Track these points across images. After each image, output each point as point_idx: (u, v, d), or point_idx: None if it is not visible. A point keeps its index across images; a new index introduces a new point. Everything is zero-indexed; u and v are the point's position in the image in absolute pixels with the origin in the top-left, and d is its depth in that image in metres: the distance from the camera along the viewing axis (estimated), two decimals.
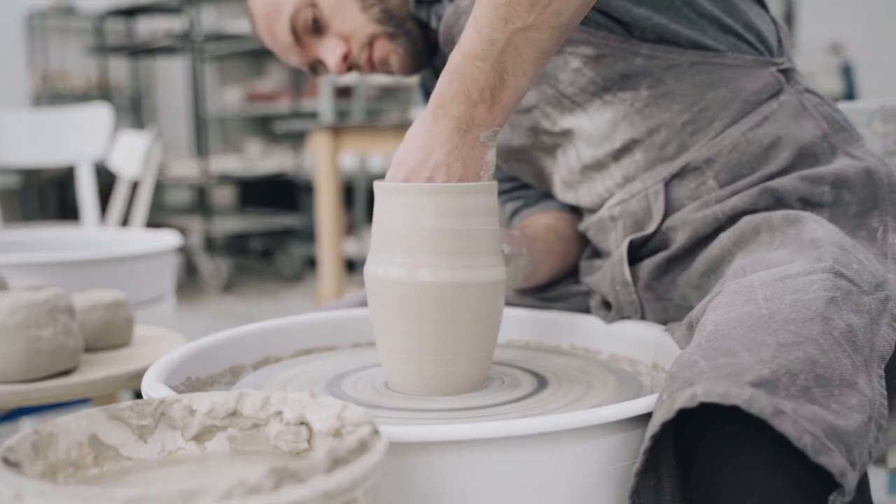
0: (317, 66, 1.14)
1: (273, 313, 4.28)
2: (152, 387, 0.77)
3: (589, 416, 0.65)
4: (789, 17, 7.26)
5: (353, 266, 4.93)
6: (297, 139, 5.37)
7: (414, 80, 1.63)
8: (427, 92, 1.19)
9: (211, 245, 5.10)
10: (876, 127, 1.24)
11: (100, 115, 2.95)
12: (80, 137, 2.93)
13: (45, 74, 5.73)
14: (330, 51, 1.09)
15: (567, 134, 1.02)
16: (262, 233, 5.39)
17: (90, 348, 1.22)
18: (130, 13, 5.84)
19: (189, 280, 5.12)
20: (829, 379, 0.65)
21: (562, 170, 1.06)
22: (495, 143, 0.83)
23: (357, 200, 4.78)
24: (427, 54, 1.11)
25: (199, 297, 4.75)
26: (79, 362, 1.14)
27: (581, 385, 0.87)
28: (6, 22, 5.83)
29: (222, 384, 0.96)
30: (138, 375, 1.15)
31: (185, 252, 5.07)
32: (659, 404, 0.65)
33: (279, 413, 0.64)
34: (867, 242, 0.90)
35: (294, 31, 1.08)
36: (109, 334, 1.23)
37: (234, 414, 0.64)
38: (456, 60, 0.80)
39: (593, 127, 0.99)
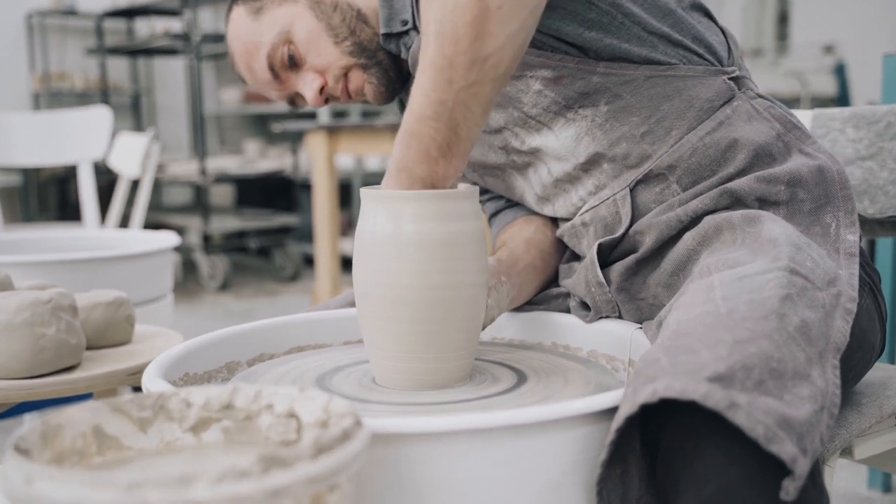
0: (296, 99, 1.19)
1: (270, 311, 4.33)
2: (152, 382, 0.82)
3: (559, 409, 0.70)
4: (783, 19, 7.32)
5: (349, 264, 4.98)
6: (294, 138, 5.41)
7: None
8: (404, 109, 1.24)
9: (209, 243, 5.15)
10: (848, 133, 1.28)
11: (100, 116, 3.00)
12: (82, 139, 2.98)
13: (45, 74, 5.77)
14: (307, 84, 1.14)
15: (535, 152, 1.08)
16: (260, 231, 5.44)
17: (92, 346, 1.27)
18: (129, 14, 5.88)
19: (187, 278, 5.17)
20: (782, 372, 0.69)
21: (535, 187, 1.11)
22: (457, 184, 0.90)
23: (353, 199, 4.82)
24: (400, 82, 1.16)
25: (197, 295, 4.80)
26: (81, 359, 1.19)
27: (558, 380, 0.92)
28: (6, 22, 5.87)
29: (218, 380, 1.00)
30: (138, 371, 1.19)
31: (183, 250, 5.11)
32: (624, 399, 0.70)
33: (270, 406, 0.69)
34: (821, 239, 0.95)
35: (272, 68, 1.13)
36: (111, 332, 1.28)
37: (228, 407, 0.69)
38: (410, 123, 0.86)
39: (559, 144, 1.05)
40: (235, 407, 0.69)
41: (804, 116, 1.35)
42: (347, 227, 5.17)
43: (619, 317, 1.04)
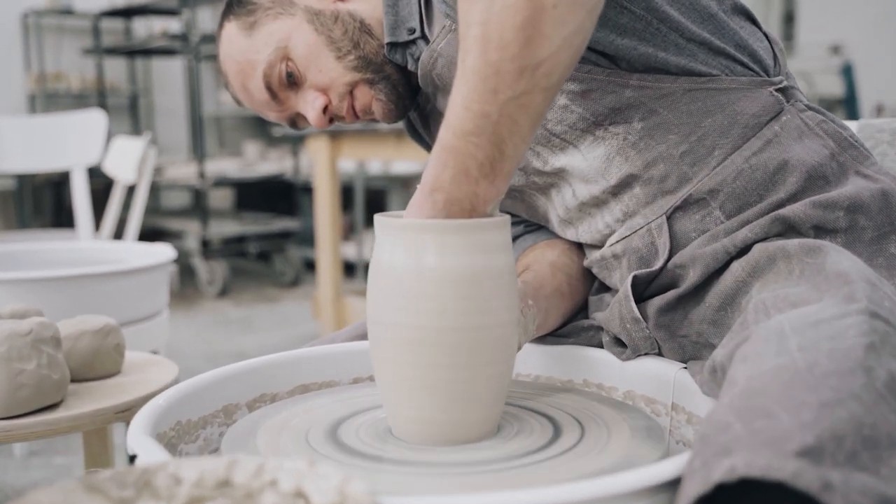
0: (297, 121, 1.09)
1: (271, 318, 4.23)
2: (138, 441, 0.71)
3: (614, 484, 0.60)
4: (790, 18, 7.21)
5: (351, 269, 4.88)
6: (295, 140, 5.31)
7: None
8: (413, 129, 1.14)
9: (208, 248, 5.05)
10: None
11: (94, 120, 2.90)
12: (75, 143, 2.88)
13: (41, 75, 5.67)
14: (309, 104, 1.04)
15: (560, 173, 0.98)
16: (260, 236, 5.33)
17: (78, 378, 1.17)
18: (127, 13, 5.78)
19: (185, 284, 5.07)
20: (876, 440, 0.59)
21: (558, 208, 1.01)
22: (497, 207, 0.79)
23: (355, 203, 4.72)
24: (410, 98, 1.06)
25: (195, 302, 4.70)
26: (65, 395, 1.09)
27: (598, 431, 0.82)
28: (1, 21, 5.77)
29: (215, 426, 0.90)
30: (128, 409, 1.09)
31: (181, 255, 5.01)
32: (691, 472, 0.60)
33: (274, 482, 0.58)
34: (886, 271, 0.86)
35: (269, 88, 1.04)
36: (98, 363, 1.18)
37: (224, 483, 0.59)
38: (447, 139, 0.75)
39: (587, 164, 0.95)
40: (234, 483, 0.59)
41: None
42: (349, 231, 5.07)
43: (659, 354, 0.94)
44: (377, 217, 0.79)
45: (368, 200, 5.14)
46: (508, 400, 0.90)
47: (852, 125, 1.25)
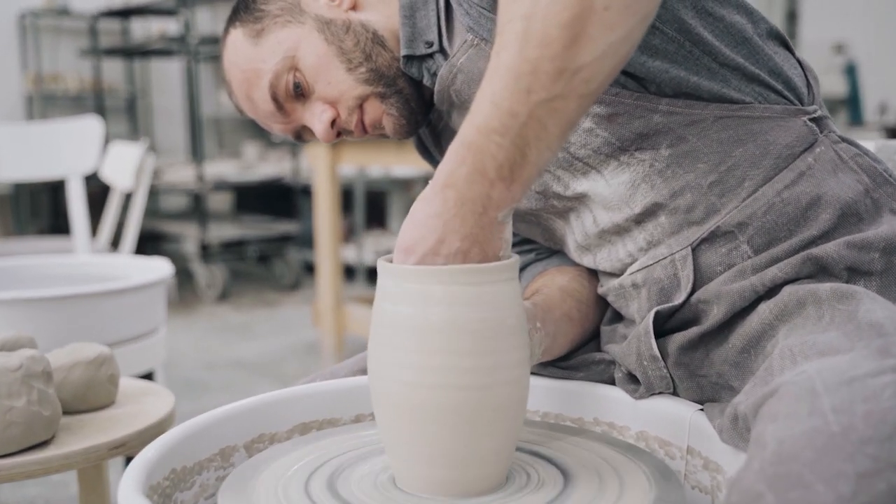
0: (303, 133, 1.05)
1: (270, 324, 4.20)
2: (129, 502, 0.67)
3: None
4: (792, 16, 7.17)
5: (351, 273, 4.85)
6: (295, 143, 5.27)
7: None
8: (423, 146, 1.10)
9: (207, 252, 5.01)
10: None
11: (91, 127, 2.86)
12: (71, 151, 2.84)
13: (38, 76, 5.63)
14: (316, 117, 1.00)
15: (581, 198, 0.94)
16: (260, 239, 5.30)
17: (70, 410, 1.13)
18: (125, 14, 5.74)
19: (184, 289, 5.03)
20: None
21: (576, 233, 0.97)
22: (511, 217, 0.75)
23: (356, 206, 4.69)
24: (422, 114, 1.02)
25: (194, 306, 4.66)
26: (56, 430, 1.05)
27: (611, 481, 0.78)
28: None
29: (211, 470, 0.87)
30: (122, 445, 1.06)
31: (179, 259, 4.97)
32: None
33: None
34: None
35: (275, 99, 1.00)
36: (91, 395, 1.14)
37: None
38: (469, 135, 0.71)
39: (610, 191, 0.91)
40: None
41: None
42: (349, 234, 5.03)
43: (674, 393, 0.90)
44: (380, 262, 0.75)
45: (369, 203, 5.11)
46: (517, 445, 0.86)
47: (868, 145, 1.21)
